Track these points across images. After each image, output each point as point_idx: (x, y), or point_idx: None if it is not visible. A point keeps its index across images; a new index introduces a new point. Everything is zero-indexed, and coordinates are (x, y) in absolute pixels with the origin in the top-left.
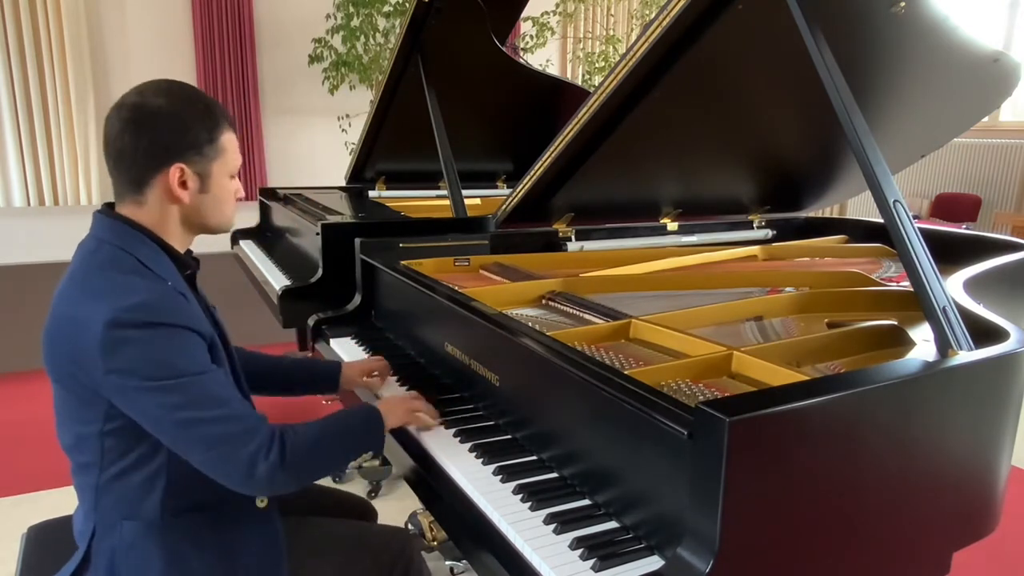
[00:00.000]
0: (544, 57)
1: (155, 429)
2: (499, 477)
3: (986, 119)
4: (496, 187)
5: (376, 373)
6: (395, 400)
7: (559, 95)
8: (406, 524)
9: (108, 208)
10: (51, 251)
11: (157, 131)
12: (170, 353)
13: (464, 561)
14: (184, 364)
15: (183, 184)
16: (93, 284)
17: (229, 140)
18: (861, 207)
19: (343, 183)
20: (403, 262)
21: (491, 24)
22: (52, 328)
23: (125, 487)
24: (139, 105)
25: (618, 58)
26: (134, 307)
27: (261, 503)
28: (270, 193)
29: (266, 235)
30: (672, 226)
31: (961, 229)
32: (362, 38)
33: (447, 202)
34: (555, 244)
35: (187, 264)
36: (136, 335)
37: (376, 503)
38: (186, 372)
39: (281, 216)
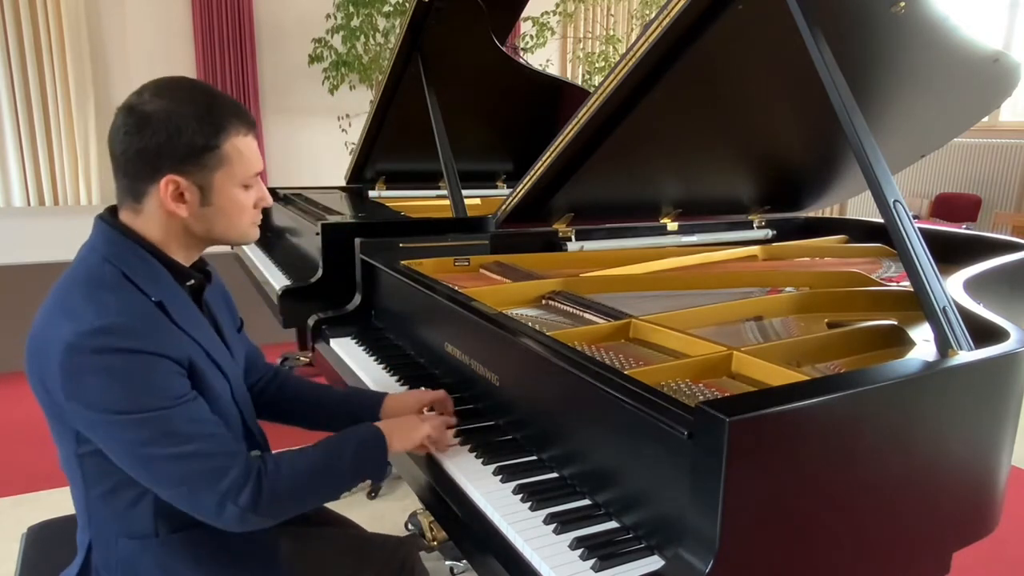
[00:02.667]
0: (544, 57)
1: (119, 461)
2: (499, 477)
3: (986, 119)
4: (496, 187)
5: (430, 409)
6: (408, 421)
7: (559, 95)
8: (406, 524)
9: (110, 212)
10: (51, 251)
11: (148, 137)
12: (133, 384)
13: (464, 561)
14: (148, 398)
15: (179, 197)
16: (66, 300)
17: (237, 145)
18: (861, 207)
19: (343, 183)
20: (403, 262)
21: (491, 24)
22: (28, 343)
23: (115, 505)
24: (133, 107)
25: (618, 58)
26: (97, 331)
27: None
28: (270, 193)
29: (266, 235)
30: (672, 226)
31: (961, 229)
32: (362, 38)
33: (447, 202)
34: (555, 244)
35: (187, 275)
36: (96, 362)
37: (376, 503)
38: (149, 407)
39: (281, 216)
